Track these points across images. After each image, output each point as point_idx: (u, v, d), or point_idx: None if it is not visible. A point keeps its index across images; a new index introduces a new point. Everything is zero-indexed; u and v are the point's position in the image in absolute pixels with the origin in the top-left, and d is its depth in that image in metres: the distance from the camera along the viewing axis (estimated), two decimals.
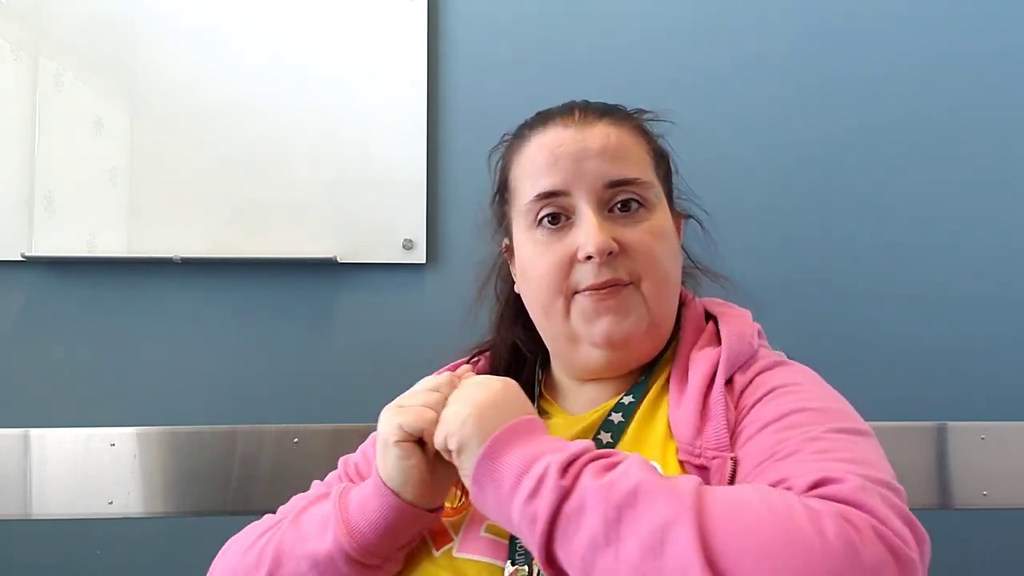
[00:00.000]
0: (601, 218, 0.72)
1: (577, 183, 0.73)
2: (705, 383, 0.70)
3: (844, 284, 1.33)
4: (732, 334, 0.74)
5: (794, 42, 1.37)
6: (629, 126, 0.77)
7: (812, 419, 0.62)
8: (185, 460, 1.22)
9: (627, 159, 0.74)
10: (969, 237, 1.34)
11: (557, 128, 0.76)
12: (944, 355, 1.33)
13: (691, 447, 0.66)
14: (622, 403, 0.75)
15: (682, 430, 0.68)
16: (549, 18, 1.36)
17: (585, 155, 0.73)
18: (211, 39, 1.32)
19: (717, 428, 0.66)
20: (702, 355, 0.73)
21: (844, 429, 0.61)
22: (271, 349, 1.31)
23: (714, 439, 0.65)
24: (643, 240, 0.73)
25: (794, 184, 1.35)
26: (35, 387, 1.29)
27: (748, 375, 0.71)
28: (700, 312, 0.81)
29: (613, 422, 0.73)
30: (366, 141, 1.32)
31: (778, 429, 0.62)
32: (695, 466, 0.65)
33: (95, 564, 1.29)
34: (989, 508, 1.22)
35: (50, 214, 1.29)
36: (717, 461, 0.64)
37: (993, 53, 1.37)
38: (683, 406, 0.69)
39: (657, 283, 0.74)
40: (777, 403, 0.65)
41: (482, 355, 0.87)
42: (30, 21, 1.31)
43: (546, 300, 0.75)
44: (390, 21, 1.33)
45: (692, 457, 0.66)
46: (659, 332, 0.76)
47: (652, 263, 0.73)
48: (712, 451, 0.65)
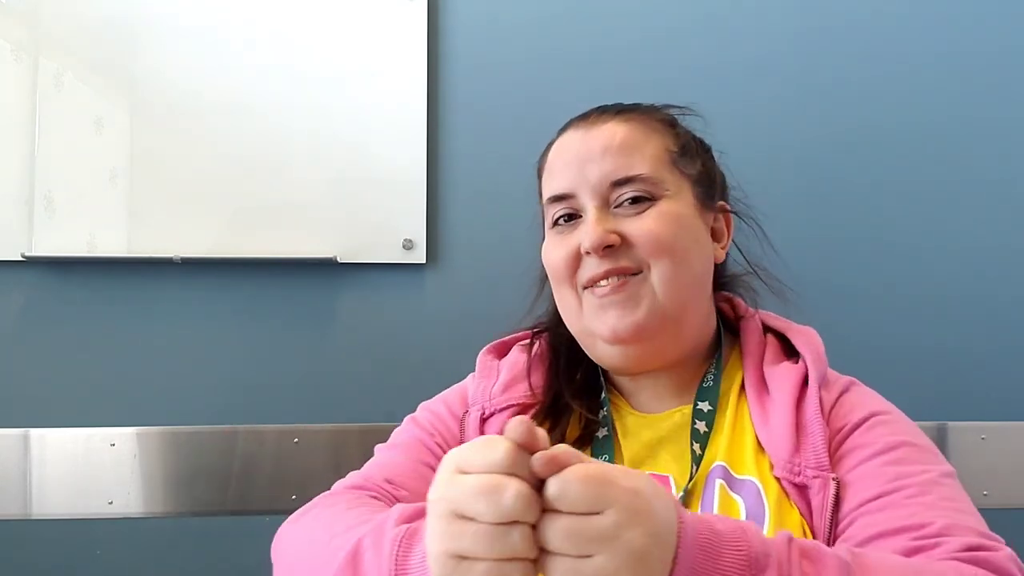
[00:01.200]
0: (602, 214, 0.74)
1: (581, 185, 0.75)
2: (794, 398, 0.70)
3: (844, 284, 1.33)
4: (811, 351, 0.75)
5: (794, 42, 1.36)
6: (643, 120, 0.78)
7: (921, 457, 0.66)
8: (185, 460, 1.22)
9: (632, 155, 0.75)
10: (969, 237, 1.34)
11: (570, 132, 0.79)
12: (944, 355, 1.33)
13: (790, 464, 0.66)
14: (701, 410, 0.74)
15: (778, 447, 0.68)
16: (549, 18, 1.36)
17: (589, 157, 0.75)
18: (211, 39, 1.32)
19: (816, 445, 0.67)
20: (782, 370, 0.74)
21: (950, 473, 0.66)
22: (271, 349, 1.31)
23: (813, 457, 0.66)
24: (647, 227, 0.73)
25: (794, 184, 1.34)
26: (35, 387, 1.29)
27: (832, 393, 0.72)
28: (759, 324, 0.81)
29: (699, 431, 0.73)
30: (366, 141, 1.32)
31: (890, 462, 0.65)
32: (794, 484, 0.66)
33: (95, 564, 1.29)
34: (989, 508, 1.21)
35: (50, 214, 1.29)
36: (818, 481, 0.65)
37: (994, 53, 1.36)
38: (773, 422, 0.69)
39: (666, 268, 0.72)
40: (879, 432, 0.68)
41: (540, 336, 0.86)
42: (30, 21, 1.31)
43: (559, 293, 0.78)
44: (390, 21, 1.33)
45: (791, 475, 0.66)
46: (680, 325, 0.75)
47: (659, 248, 0.72)
48: (812, 469, 0.66)
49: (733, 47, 1.36)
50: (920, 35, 1.37)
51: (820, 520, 0.64)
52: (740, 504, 0.66)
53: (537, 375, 0.82)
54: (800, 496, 0.66)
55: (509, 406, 0.79)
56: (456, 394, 0.85)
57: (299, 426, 1.23)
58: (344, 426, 1.23)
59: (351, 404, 1.29)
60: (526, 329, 0.87)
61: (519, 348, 0.86)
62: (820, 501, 0.64)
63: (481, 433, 0.78)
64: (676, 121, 0.82)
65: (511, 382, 0.81)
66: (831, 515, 0.63)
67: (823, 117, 1.35)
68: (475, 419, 0.79)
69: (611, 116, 0.78)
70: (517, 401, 0.79)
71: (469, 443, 0.49)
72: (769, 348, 0.78)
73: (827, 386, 0.73)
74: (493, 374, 0.83)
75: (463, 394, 0.84)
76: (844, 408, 0.71)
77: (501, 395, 0.80)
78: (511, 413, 0.78)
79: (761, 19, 1.37)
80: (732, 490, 0.68)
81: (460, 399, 0.83)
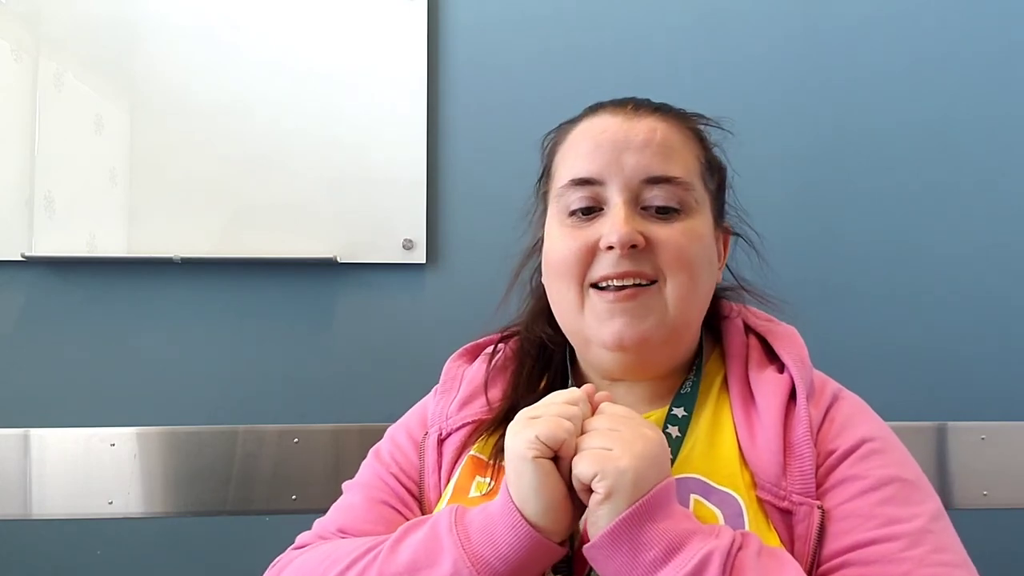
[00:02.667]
0: (631, 211, 0.69)
1: (613, 173, 0.70)
2: (781, 414, 0.68)
3: (844, 284, 1.33)
4: (795, 360, 0.72)
5: (795, 42, 1.36)
6: (681, 126, 0.74)
7: (912, 496, 0.65)
8: (185, 460, 1.22)
9: (671, 157, 0.71)
10: (970, 237, 1.34)
11: (606, 116, 0.74)
12: (944, 355, 1.33)
13: (776, 488, 0.65)
14: (675, 415, 0.72)
15: (764, 467, 0.66)
16: (549, 18, 1.36)
17: (627, 145, 0.70)
18: (211, 39, 1.32)
19: (803, 470, 0.65)
20: (768, 380, 0.71)
21: (940, 514, 0.65)
22: (271, 349, 1.31)
23: (800, 483, 0.64)
24: (673, 238, 0.69)
25: (794, 184, 1.34)
26: (35, 387, 1.29)
27: (820, 408, 0.70)
28: (741, 326, 0.79)
29: (671, 436, 0.71)
30: (366, 141, 1.32)
31: (882, 501, 0.64)
32: (778, 508, 0.64)
33: (95, 564, 1.29)
34: (989, 508, 1.22)
35: (50, 214, 1.29)
36: (803, 508, 0.63)
37: (995, 52, 1.36)
38: (760, 439, 0.67)
39: (683, 284, 0.70)
40: (871, 464, 0.66)
41: (508, 340, 0.84)
42: (30, 21, 1.31)
43: (556, 288, 0.73)
44: (390, 21, 1.33)
45: (776, 499, 0.64)
46: (680, 340, 0.73)
47: (680, 262, 0.69)
48: (798, 495, 0.64)
49: (733, 45, 1.36)
50: (922, 34, 1.37)
51: (804, 547, 0.63)
52: (718, 513, 0.64)
53: (496, 388, 0.80)
54: (782, 520, 0.64)
55: (465, 424, 0.77)
56: (417, 416, 0.83)
57: (299, 426, 1.23)
58: (344, 426, 1.23)
59: (351, 404, 1.29)
60: (504, 328, 0.85)
61: (484, 356, 0.84)
62: (804, 529, 0.63)
63: (439, 455, 0.77)
64: (704, 135, 0.78)
65: (468, 398, 0.79)
66: (815, 545, 0.62)
67: (822, 117, 1.35)
68: (433, 441, 0.78)
69: (651, 111, 0.74)
70: (473, 419, 0.77)
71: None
72: (752, 351, 0.76)
73: (813, 398, 0.71)
74: (454, 389, 0.81)
75: (423, 416, 0.82)
76: (834, 428, 0.69)
77: (457, 414, 0.78)
78: (467, 432, 0.77)
79: (759, 19, 1.37)
80: (709, 501, 0.66)
81: (420, 422, 0.82)
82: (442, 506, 0.72)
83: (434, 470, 0.77)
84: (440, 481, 0.76)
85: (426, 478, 0.77)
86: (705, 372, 0.76)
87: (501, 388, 0.79)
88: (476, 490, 0.71)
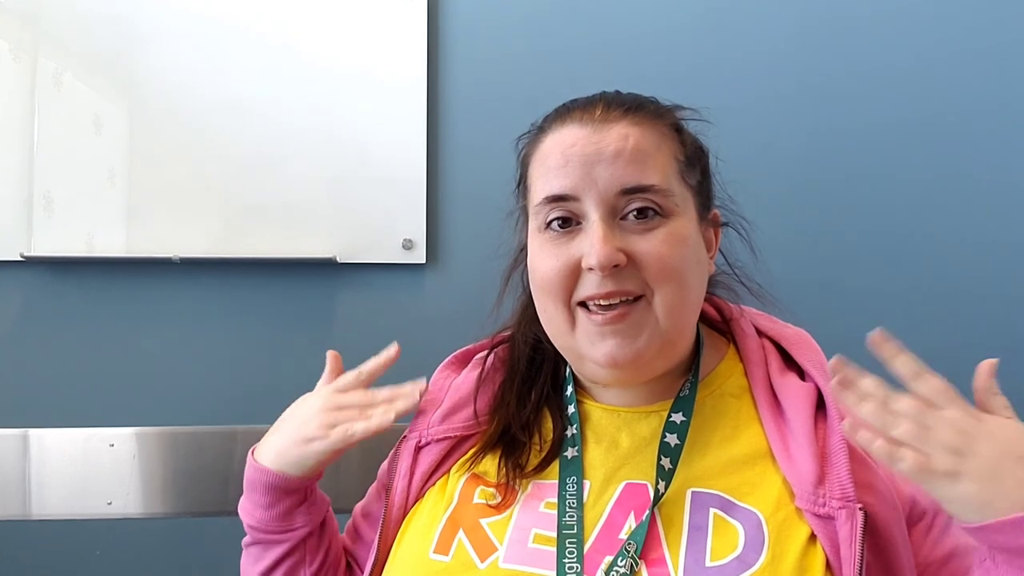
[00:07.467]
0: (609, 227, 0.68)
1: (587, 189, 0.68)
2: (811, 425, 0.68)
3: (844, 284, 1.33)
4: (818, 370, 0.73)
5: (794, 40, 1.36)
6: (654, 125, 0.72)
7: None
8: (185, 460, 1.22)
9: (646, 164, 0.69)
10: (970, 236, 1.34)
11: (574, 126, 0.71)
12: (944, 355, 1.32)
13: (813, 496, 0.65)
14: (673, 422, 0.72)
15: (801, 479, 0.66)
16: (549, 17, 1.36)
17: (599, 158, 0.68)
18: (211, 39, 1.32)
19: (840, 476, 0.65)
20: (791, 389, 0.72)
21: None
22: (271, 349, 1.31)
23: (839, 488, 0.65)
24: (655, 250, 0.68)
25: (794, 183, 1.34)
26: (35, 387, 1.29)
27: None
28: (752, 328, 0.79)
29: (670, 444, 0.70)
30: (366, 141, 1.32)
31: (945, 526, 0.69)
32: (818, 516, 0.64)
33: (95, 564, 1.29)
34: None
35: (49, 214, 1.29)
36: (845, 512, 0.64)
37: (996, 51, 1.36)
38: (796, 452, 0.67)
39: (671, 294, 0.69)
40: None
41: (499, 347, 0.84)
42: (29, 20, 1.31)
43: (548, 307, 0.72)
44: (390, 21, 1.33)
45: (815, 507, 0.65)
46: (674, 348, 0.73)
47: (665, 273, 0.68)
48: (837, 500, 0.64)
49: (733, 44, 1.36)
50: (923, 33, 1.36)
51: (849, 550, 0.63)
52: (739, 528, 0.65)
53: (484, 398, 0.79)
54: (822, 526, 0.64)
55: (445, 438, 0.78)
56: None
57: None
58: None
59: None
60: (495, 333, 0.85)
61: (475, 363, 0.84)
62: (848, 532, 0.63)
63: (414, 461, 0.77)
64: (682, 126, 0.76)
65: (452, 410, 0.79)
66: (860, 545, 0.62)
67: (822, 115, 1.35)
68: (411, 446, 0.79)
69: (620, 116, 0.71)
70: (455, 433, 0.78)
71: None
72: (771, 356, 0.76)
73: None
74: (437, 400, 0.81)
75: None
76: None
77: (439, 424, 0.79)
78: (447, 445, 0.77)
79: (760, 16, 1.37)
80: (732, 517, 0.66)
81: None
82: (428, 511, 0.75)
83: (406, 474, 0.77)
84: (410, 486, 0.76)
85: (396, 481, 0.77)
86: (716, 374, 0.76)
87: (487, 399, 0.80)
88: (480, 496, 0.72)
